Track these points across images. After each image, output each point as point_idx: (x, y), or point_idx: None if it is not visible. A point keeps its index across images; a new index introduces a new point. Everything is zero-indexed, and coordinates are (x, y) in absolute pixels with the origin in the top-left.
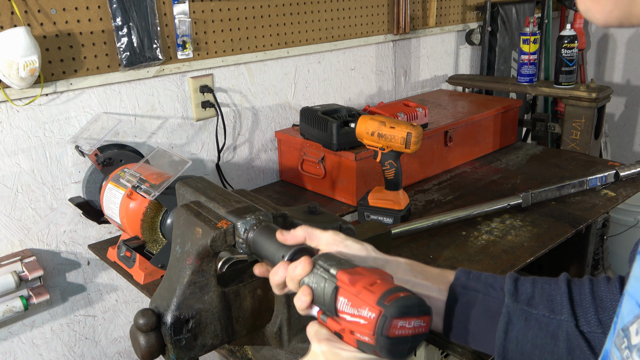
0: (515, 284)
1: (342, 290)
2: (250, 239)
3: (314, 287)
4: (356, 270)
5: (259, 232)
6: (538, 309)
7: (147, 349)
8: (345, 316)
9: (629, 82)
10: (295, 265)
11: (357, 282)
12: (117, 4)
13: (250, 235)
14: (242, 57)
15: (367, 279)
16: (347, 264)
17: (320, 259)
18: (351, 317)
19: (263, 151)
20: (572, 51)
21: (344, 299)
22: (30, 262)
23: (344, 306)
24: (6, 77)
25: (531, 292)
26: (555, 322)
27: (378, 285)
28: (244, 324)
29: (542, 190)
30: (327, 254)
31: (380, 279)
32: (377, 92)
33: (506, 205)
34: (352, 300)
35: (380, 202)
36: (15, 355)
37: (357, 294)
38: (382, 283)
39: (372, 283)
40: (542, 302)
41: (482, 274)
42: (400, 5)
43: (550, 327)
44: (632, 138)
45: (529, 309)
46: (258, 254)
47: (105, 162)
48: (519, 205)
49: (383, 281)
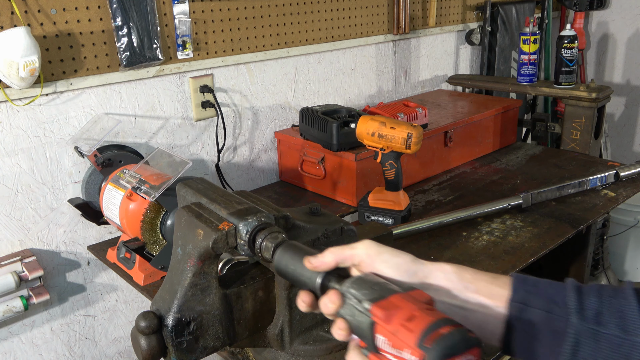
0: (579, 298)
1: (379, 327)
2: (274, 260)
3: (349, 320)
4: (390, 302)
5: (282, 252)
6: (608, 328)
7: (149, 351)
8: (387, 355)
9: (629, 82)
10: (325, 303)
11: (392, 318)
12: (117, 4)
13: (274, 257)
14: (242, 57)
15: (404, 313)
16: (380, 292)
17: (352, 288)
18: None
19: (263, 151)
20: (572, 51)
21: (382, 338)
22: (30, 262)
23: (384, 345)
24: (6, 77)
25: (598, 307)
26: (629, 343)
27: (417, 320)
28: (246, 325)
29: (543, 191)
30: (359, 279)
31: (418, 310)
32: (377, 92)
33: (507, 205)
34: (392, 340)
35: (381, 203)
36: (15, 355)
37: (395, 332)
38: (422, 316)
39: (410, 318)
40: (611, 320)
41: (539, 283)
42: (400, 5)
43: (622, 349)
44: (632, 138)
45: (598, 329)
46: (284, 276)
47: (105, 163)
48: (519, 206)
49: (422, 313)
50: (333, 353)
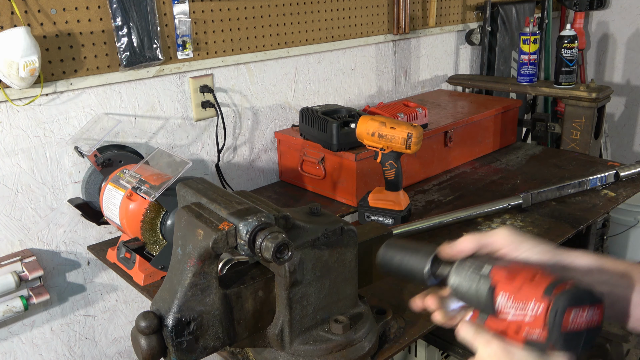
0: None
1: (500, 286)
2: (380, 259)
3: (466, 290)
4: (511, 266)
5: (387, 247)
6: None
7: (149, 351)
8: (507, 315)
9: (629, 82)
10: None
11: (516, 276)
12: (117, 4)
13: (381, 255)
14: (242, 57)
15: (527, 273)
16: (497, 260)
17: (467, 261)
18: (515, 314)
19: (263, 151)
20: (572, 51)
21: (505, 294)
22: (30, 262)
23: (505, 302)
24: (6, 77)
25: None
26: None
27: (541, 277)
28: (246, 326)
29: (543, 191)
30: (471, 256)
31: (541, 270)
32: (377, 92)
33: (507, 205)
34: (515, 295)
35: (381, 203)
36: (15, 355)
37: (520, 287)
38: (545, 274)
39: (533, 276)
40: None
41: None
42: (400, 5)
43: None
44: (632, 138)
45: None
46: (395, 273)
47: (105, 163)
48: (519, 206)
49: (545, 273)
50: (333, 353)
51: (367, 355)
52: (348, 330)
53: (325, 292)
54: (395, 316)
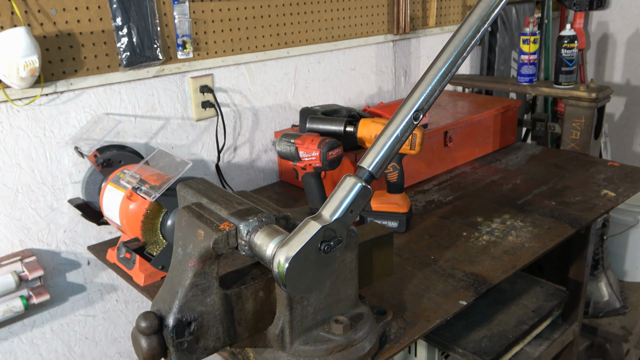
0: None
1: (299, 147)
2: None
3: (283, 151)
4: (302, 137)
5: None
6: None
7: (149, 352)
8: (304, 158)
9: (629, 82)
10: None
11: (305, 141)
12: (117, 4)
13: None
14: (242, 57)
15: (309, 138)
16: (297, 135)
17: (283, 136)
18: (307, 157)
19: (263, 151)
20: (572, 51)
21: (301, 150)
22: (30, 262)
23: (302, 154)
24: (6, 77)
25: None
26: None
27: (314, 139)
28: (246, 326)
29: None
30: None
31: (315, 137)
32: (377, 92)
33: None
34: (305, 150)
35: (385, 206)
36: (15, 355)
37: (307, 147)
38: (316, 138)
39: (312, 140)
40: None
41: None
42: (400, 5)
43: None
44: (632, 138)
45: None
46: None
47: (105, 163)
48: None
49: (316, 137)
50: (334, 353)
51: (368, 355)
52: (349, 331)
53: (325, 292)
54: (395, 316)
